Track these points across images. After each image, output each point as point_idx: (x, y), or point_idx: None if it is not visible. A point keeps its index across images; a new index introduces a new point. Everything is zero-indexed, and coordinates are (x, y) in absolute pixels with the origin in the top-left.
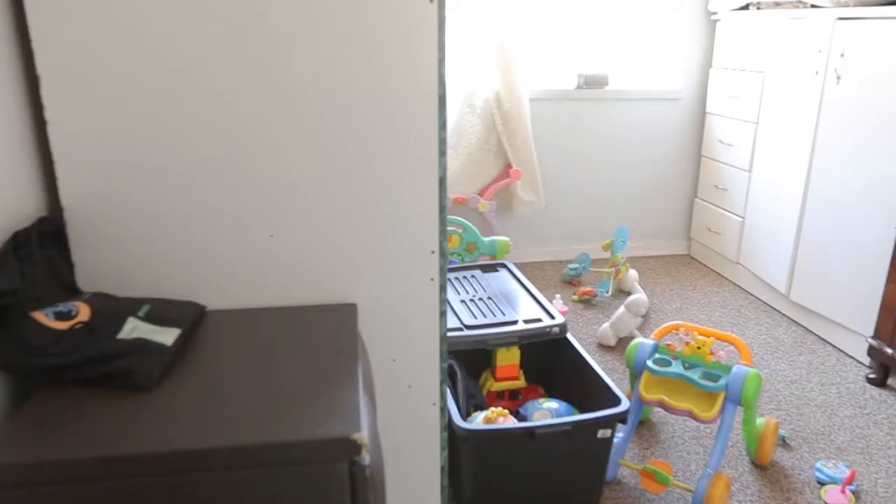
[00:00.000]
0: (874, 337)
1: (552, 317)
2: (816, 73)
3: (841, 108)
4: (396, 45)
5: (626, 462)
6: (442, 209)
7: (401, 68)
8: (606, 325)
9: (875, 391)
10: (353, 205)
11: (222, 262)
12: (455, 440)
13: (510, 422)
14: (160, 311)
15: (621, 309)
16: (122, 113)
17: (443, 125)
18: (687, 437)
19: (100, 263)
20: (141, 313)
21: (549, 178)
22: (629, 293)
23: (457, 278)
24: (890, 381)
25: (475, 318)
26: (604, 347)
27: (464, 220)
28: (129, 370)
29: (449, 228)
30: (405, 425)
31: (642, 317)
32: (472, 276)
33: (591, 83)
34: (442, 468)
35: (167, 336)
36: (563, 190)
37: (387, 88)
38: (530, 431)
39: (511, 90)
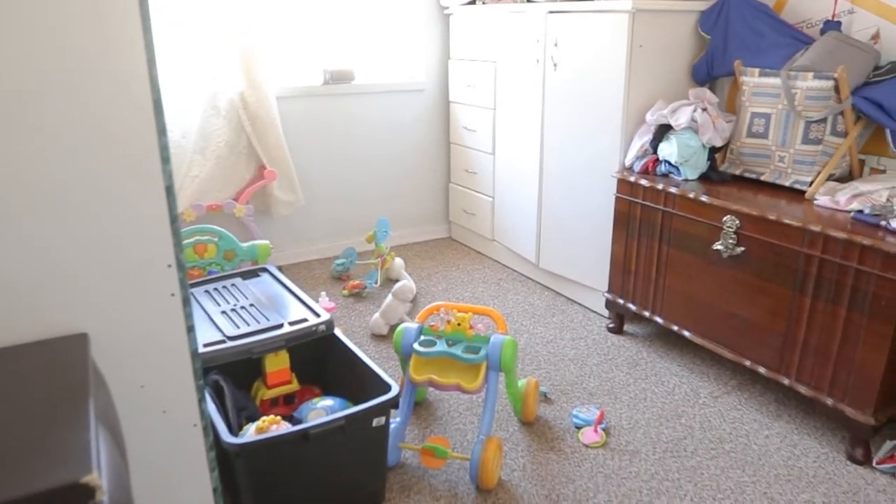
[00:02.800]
0: (608, 291)
1: (318, 315)
2: (537, 61)
3: (560, 92)
4: (95, 47)
5: (406, 444)
6: (174, 219)
7: (103, 73)
8: (377, 314)
9: (615, 338)
10: (70, 224)
11: None
12: (228, 457)
13: (284, 428)
14: None
15: (389, 297)
16: None
17: (162, 130)
18: (462, 409)
19: None
20: None
21: (306, 175)
22: (397, 281)
23: (216, 289)
24: (626, 327)
25: (238, 327)
26: (378, 337)
27: (219, 228)
28: None
29: (203, 238)
30: (166, 452)
31: (411, 302)
32: (233, 284)
33: (338, 78)
34: (215, 489)
35: None
36: (321, 186)
37: (89, 94)
38: (304, 433)
39: (256, 89)
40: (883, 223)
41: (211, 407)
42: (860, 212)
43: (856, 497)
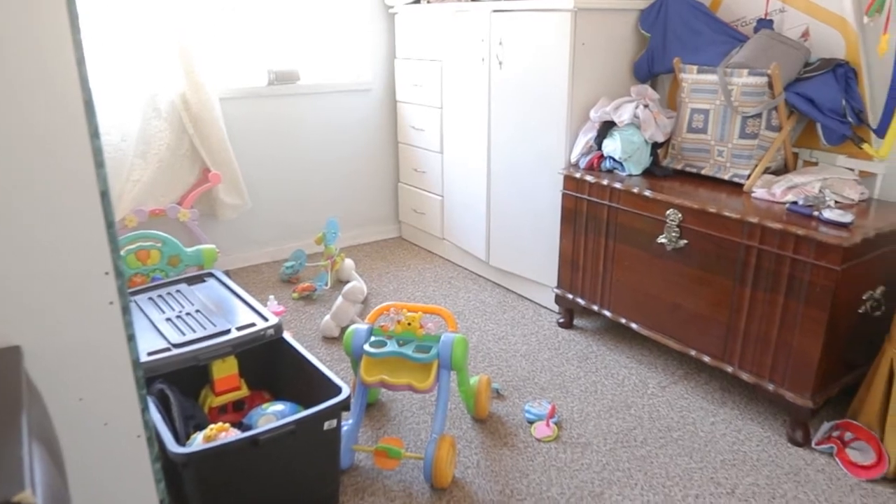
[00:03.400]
0: (558, 287)
1: (266, 319)
2: (483, 59)
3: (506, 91)
4: (20, 47)
5: (359, 447)
6: (110, 225)
7: (30, 74)
8: (328, 317)
9: (565, 333)
10: None
11: None
12: (175, 468)
13: (233, 435)
14: None
15: (339, 299)
16: None
17: (95, 133)
18: (415, 409)
19: None
20: None
21: (253, 178)
22: (348, 282)
23: (160, 296)
24: (575, 321)
25: (184, 334)
26: (329, 339)
27: (162, 234)
28: None
29: (146, 244)
30: (108, 466)
31: (361, 303)
32: (178, 290)
33: (283, 79)
34: (162, 501)
35: None
36: (268, 189)
37: (16, 96)
38: (253, 440)
39: (198, 91)
40: (815, 214)
41: (156, 417)
42: (794, 203)
43: (797, 477)
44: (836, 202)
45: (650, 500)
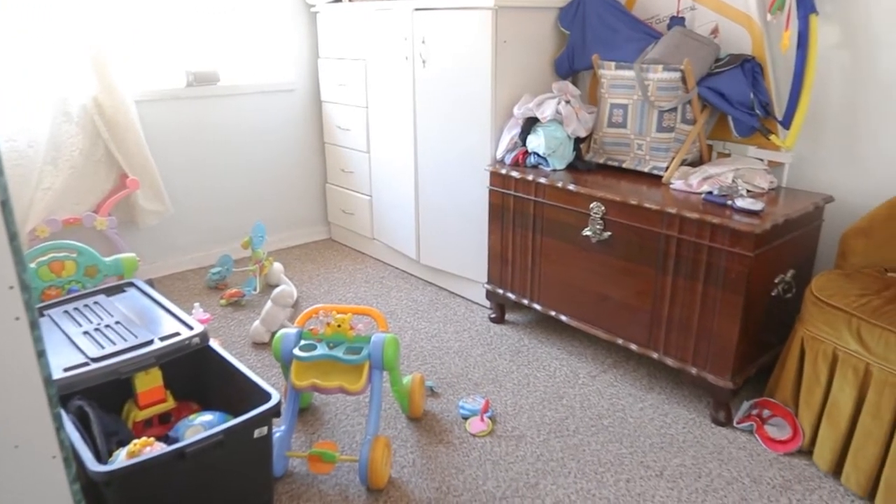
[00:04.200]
0: (488, 282)
1: (191, 328)
2: (406, 58)
3: (430, 89)
4: None
5: (293, 453)
6: (13, 237)
7: None
8: (257, 322)
9: (497, 328)
10: None
11: None
12: (97, 488)
13: (159, 449)
14: None
15: (269, 304)
16: None
17: None
18: (349, 411)
19: None
20: None
21: (174, 182)
22: (277, 286)
23: (76, 308)
24: (507, 316)
25: (103, 347)
26: (259, 345)
27: (77, 244)
28: None
29: (60, 255)
30: (22, 489)
31: (291, 307)
32: (96, 302)
33: (202, 80)
34: None
35: None
36: (191, 193)
37: None
38: (180, 453)
39: (112, 93)
40: (730, 203)
41: (74, 435)
42: (710, 193)
43: (720, 455)
44: (748, 191)
45: (583, 487)
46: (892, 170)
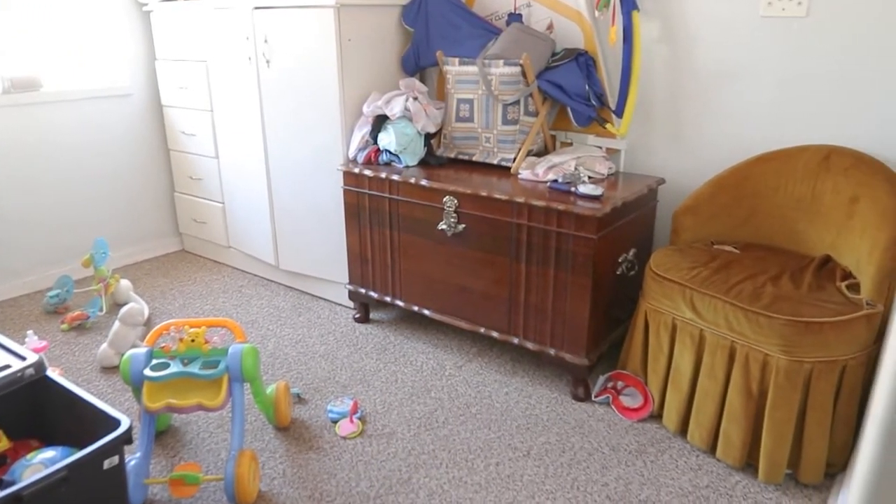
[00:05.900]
0: (350, 283)
1: (24, 359)
2: (249, 58)
3: (277, 90)
4: None
5: (152, 479)
6: None
7: None
8: (105, 345)
9: (362, 327)
10: None
11: None
12: None
13: None
14: None
15: (116, 324)
16: None
17: None
18: (212, 428)
19: None
20: None
21: None
22: (125, 305)
23: None
24: (371, 315)
25: None
26: (109, 370)
27: None
28: None
29: None
30: None
31: (143, 325)
32: None
33: (21, 86)
34: None
35: None
36: (19, 212)
37: None
38: (16, 496)
39: None
40: (573, 189)
41: None
42: (555, 181)
43: (582, 429)
44: (590, 177)
45: (455, 476)
46: (714, 152)
